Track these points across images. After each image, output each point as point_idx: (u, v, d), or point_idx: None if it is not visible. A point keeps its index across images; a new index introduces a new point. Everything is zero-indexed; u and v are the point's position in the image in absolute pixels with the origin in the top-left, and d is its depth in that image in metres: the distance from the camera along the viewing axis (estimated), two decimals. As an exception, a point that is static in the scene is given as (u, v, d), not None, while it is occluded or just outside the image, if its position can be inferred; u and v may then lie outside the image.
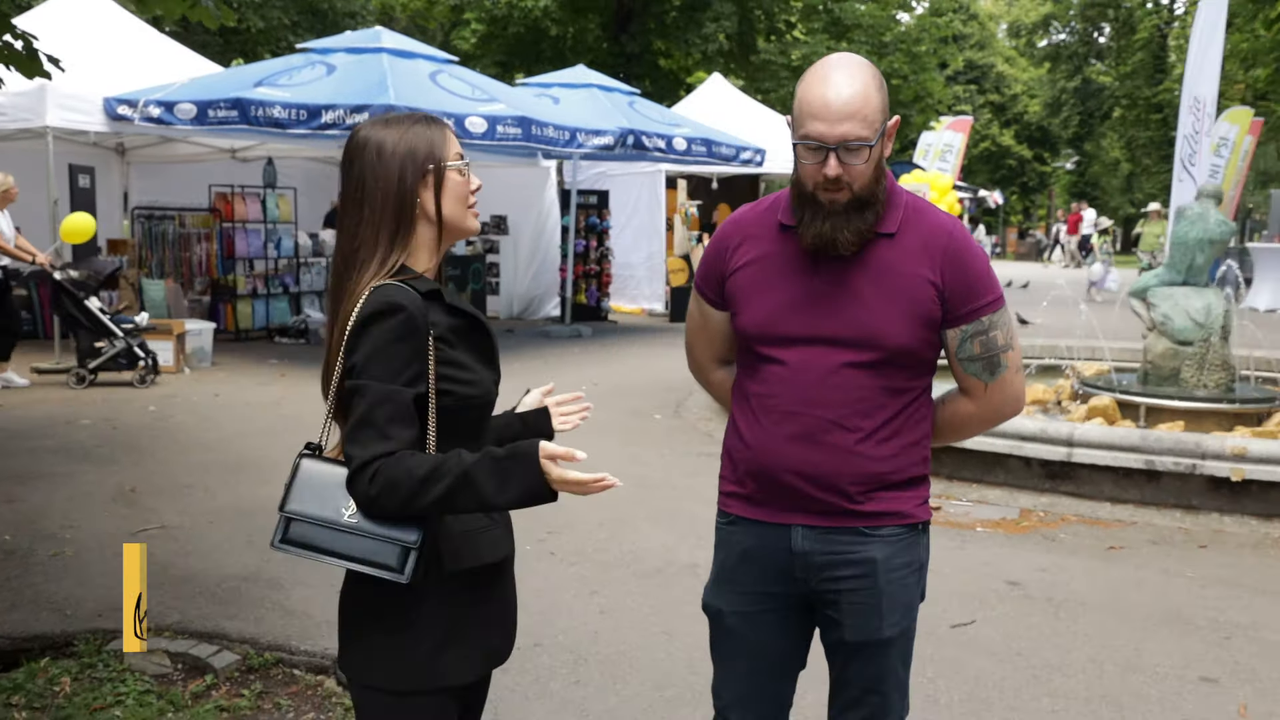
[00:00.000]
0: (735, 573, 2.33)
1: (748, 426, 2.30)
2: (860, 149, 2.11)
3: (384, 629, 1.96)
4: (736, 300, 2.31)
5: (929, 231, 2.22)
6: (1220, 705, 3.84)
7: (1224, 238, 8.76)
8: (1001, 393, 2.30)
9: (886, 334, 2.18)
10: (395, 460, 1.85)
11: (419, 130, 2.01)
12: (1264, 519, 6.23)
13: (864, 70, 2.15)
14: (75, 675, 4.01)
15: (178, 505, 6.06)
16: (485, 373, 2.01)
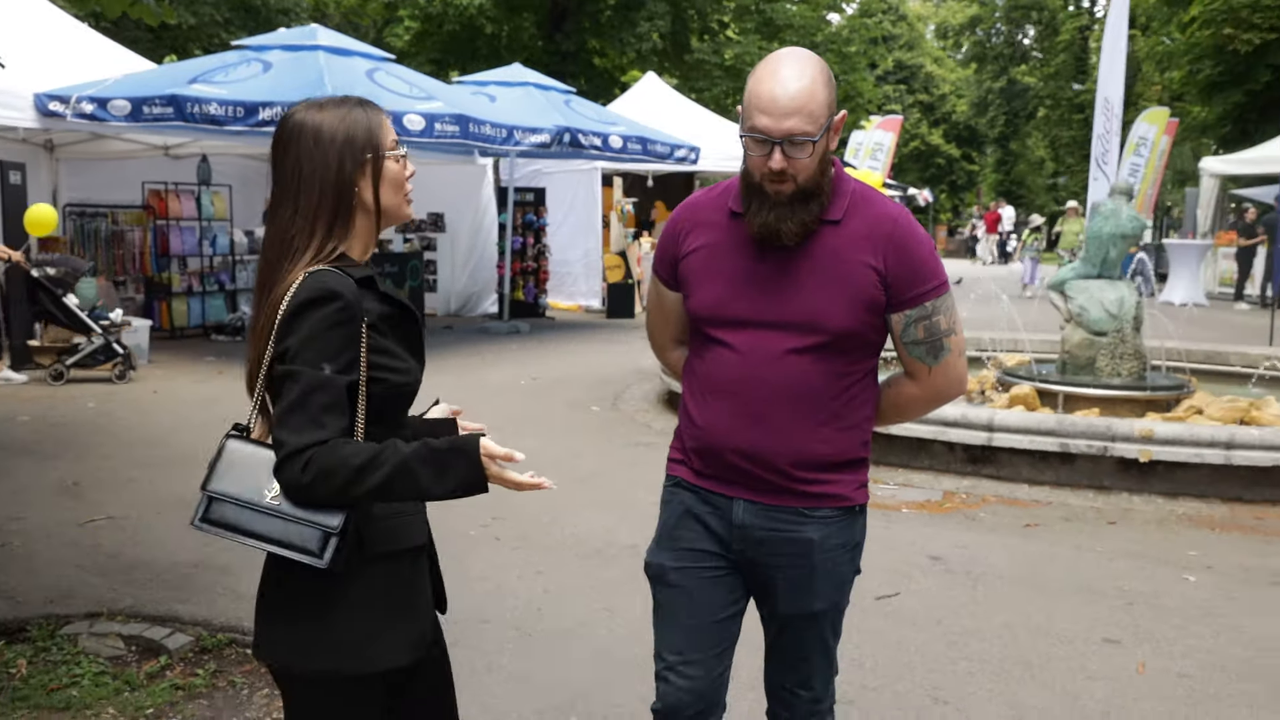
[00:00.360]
0: (677, 529, 2.41)
1: (695, 405, 2.38)
2: (804, 144, 2.16)
3: (311, 614, 1.93)
4: (688, 283, 2.38)
5: (874, 219, 2.28)
6: (1121, 664, 4.13)
7: (1135, 232, 9.17)
8: (944, 375, 2.37)
9: (829, 318, 2.24)
10: (329, 448, 1.83)
11: (357, 116, 1.98)
12: (1169, 497, 6.59)
13: (812, 66, 2.20)
14: (30, 658, 4.11)
15: (122, 497, 6.14)
16: (413, 361, 2.02)
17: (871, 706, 3.74)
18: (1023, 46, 54.60)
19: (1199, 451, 6.56)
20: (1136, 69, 40.57)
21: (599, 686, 3.89)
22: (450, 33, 24.73)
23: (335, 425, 1.85)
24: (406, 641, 1.99)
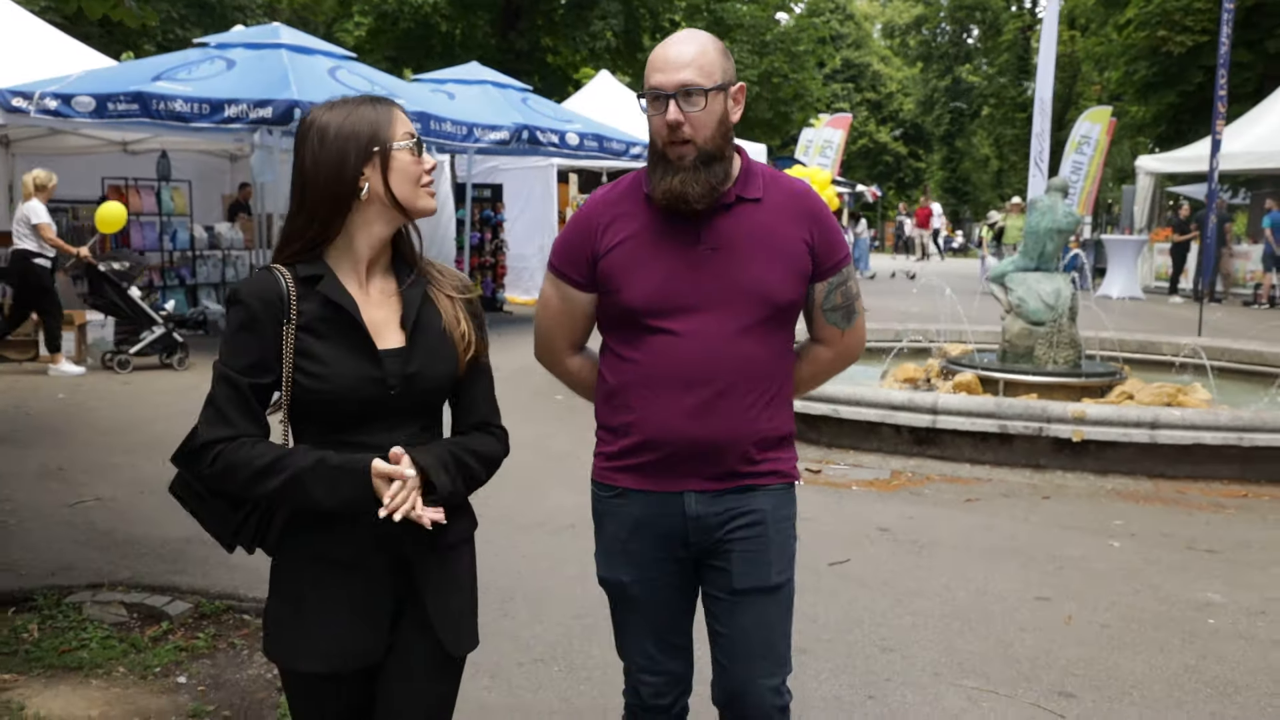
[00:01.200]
0: (629, 544, 2.40)
1: (639, 400, 2.33)
2: (698, 96, 2.21)
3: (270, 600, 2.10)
4: (616, 278, 2.33)
5: (791, 195, 2.37)
6: (1050, 617, 4.55)
7: (1070, 227, 9.65)
8: (855, 336, 2.49)
9: (774, 291, 2.30)
10: (236, 446, 1.92)
11: (363, 112, 2.00)
12: (1100, 474, 7.05)
13: (703, 36, 2.30)
14: (40, 624, 4.38)
15: (108, 481, 6.38)
16: (348, 365, 1.97)
17: (825, 655, 4.11)
18: (967, 46, 55.60)
19: (1126, 431, 7.03)
20: (1076, 69, 41.54)
21: (577, 641, 4.23)
22: (405, 30, 24.89)
23: (243, 422, 1.94)
24: (320, 650, 2.01)
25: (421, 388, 2.03)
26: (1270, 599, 4.78)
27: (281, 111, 10.25)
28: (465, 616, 2.14)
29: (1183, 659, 4.13)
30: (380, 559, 2.01)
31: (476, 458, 2.08)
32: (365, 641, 2.02)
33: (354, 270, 2.04)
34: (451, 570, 2.11)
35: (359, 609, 2.02)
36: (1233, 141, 21.64)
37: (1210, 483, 6.86)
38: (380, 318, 2.03)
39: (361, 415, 1.98)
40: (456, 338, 2.07)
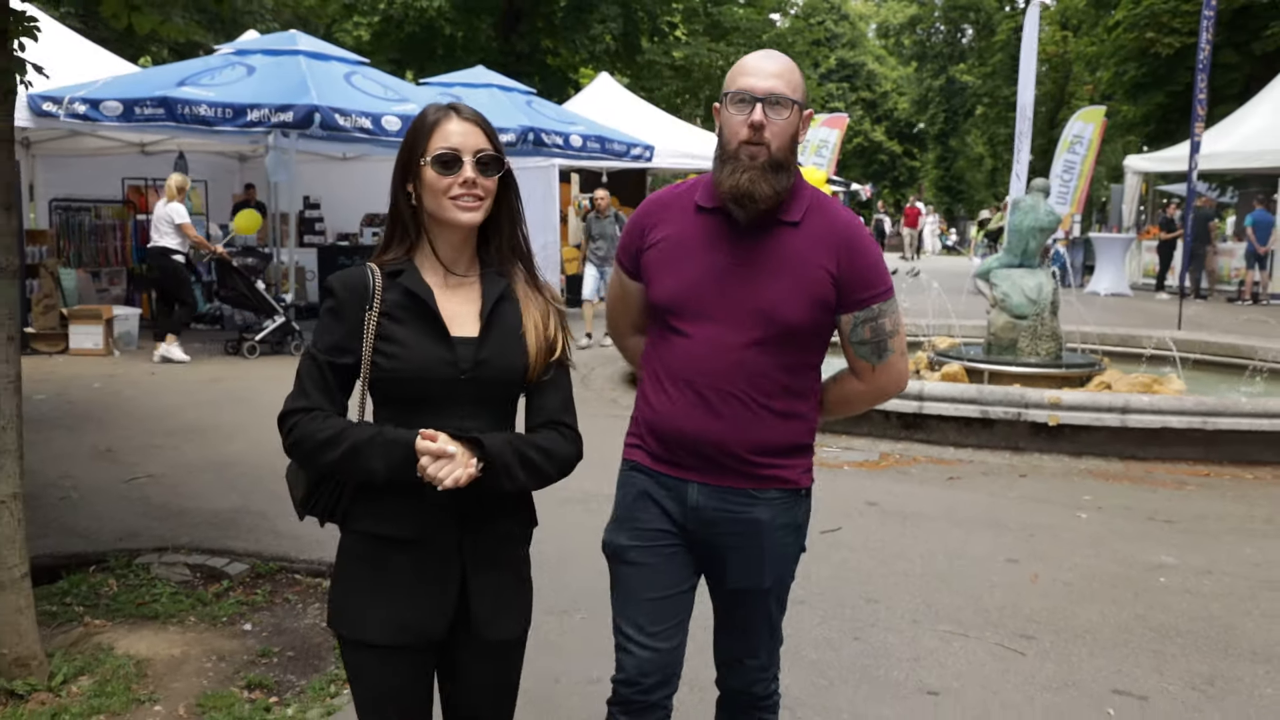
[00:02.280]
0: (633, 510, 2.54)
1: (654, 393, 2.49)
2: (783, 106, 2.32)
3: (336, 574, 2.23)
4: (649, 273, 2.48)
5: (829, 224, 2.41)
6: (1019, 576, 5.08)
7: (1052, 225, 10.18)
8: (887, 374, 2.51)
9: (784, 313, 2.37)
10: (309, 419, 2.08)
11: (418, 120, 2.17)
12: (1074, 456, 7.58)
13: (787, 58, 2.44)
14: (117, 581, 4.90)
15: (155, 460, 6.89)
16: (423, 347, 2.11)
17: (817, 605, 4.63)
18: (961, 46, 56.13)
19: (1099, 416, 7.56)
20: (1068, 69, 42.08)
21: (597, 594, 4.74)
22: (409, 34, 25.39)
23: (318, 397, 2.11)
24: (378, 621, 2.12)
25: (490, 376, 2.14)
26: (1217, 561, 5.31)
27: (302, 115, 10.74)
28: (507, 604, 2.21)
29: (1133, 609, 4.66)
30: (441, 539, 2.12)
31: (541, 452, 2.16)
32: (425, 618, 2.13)
33: (437, 267, 2.19)
34: (503, 559, 2.21)
35: (420, 586, 2.12)
36: (1218, 141, 22.19)
37: (1176, 463, 7.39)
38: (460, 310, 2.16)
39: (434, 398, 2.11)
40: (534, 338, 2.19)
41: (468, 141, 2.11)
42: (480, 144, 2.12)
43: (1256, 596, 4.85)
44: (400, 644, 2.12)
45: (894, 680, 3.91)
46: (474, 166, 2.10)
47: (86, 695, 3.82)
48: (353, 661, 2.18)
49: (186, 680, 3.99)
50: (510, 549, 2.23)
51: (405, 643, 2.12)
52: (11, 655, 3.81)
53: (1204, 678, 4.00)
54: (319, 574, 5.05)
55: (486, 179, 2.12)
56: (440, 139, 2.10)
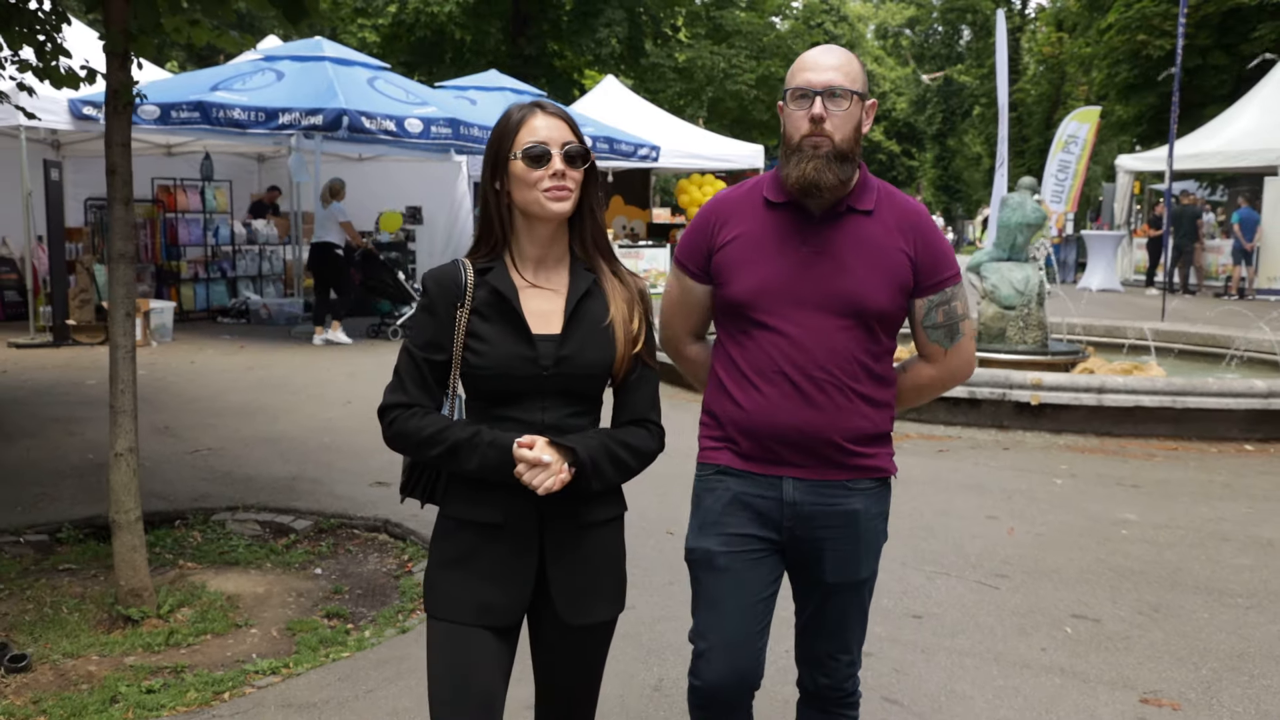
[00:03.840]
0: (724, 515, 2.48)
1: (741, 391, 2.44)
2: (842, 98, 2.34)
3: (430, 555, 2.32)
4: (725, 272, 2.46)
5: (902, 211, 2.45)
6: (997, 530, 5.71)
7: (1038, 222, 10.80)
8: (959, 356, 2.53)
9: (870, 299, 2.38)
10: (409, 415, 2.18)
11: (504, 119, 2.23)
12: (1054, 433, 8.22)
13: (847, 50, 2.46)
14: (200, 534, 5.53)
15: (211, 436, 7.52)
16: (506, 345, 2.17)
17: (818, 552, 5.27)
18: (959, 47, 56.79)
19: (1077, 396, 8.19)
20: (1064, 71, 42.70)
21: (623, 543, 5.38)
22: (419, 38, 26.01)
23: (416, 393, 2.20)
24: (460, 601, 2.20)
25: (573, 372, 2.19)
26: (1174, 517, 5.95)
27: (331, 119, 11.37)
28: (590, 591, 2.25)
29: (1095, 554, 5.30)
30: (525, 527, 2.19)
31: (628, 449, 2.22)
32: (504, 601, 2.20)
33: (525, 263, 2.24)
34: (586, 547, 2.24)
35: (501, 570, 2.20)
36: (1207, 141, 22.86)
37: (1148, 439, 8.02)
38: (546, 307, 2.21)
39: (517, 392, 2.18)
40: (620, 333, 2.23)
41: (554, 135, 2.17)
42: (566, 137, 2.19)
43: (1205, 544, 5.48)
44: (480, 624, 2.19)
45: (884, 607, 4.54)
46: (562, 159, 2.16)
47: (191, 621, 4.46)
48: (434, 637, 2.23)
49: (273, 610, 4.63)
50: (595, 536, 2.26)
51: (485, 623, 2.19)
52: (128, 586, 4.45)
53: (1151, 605, 4.63)
54: (375, 529, 5.68)
55: (574, 170, 2.18)
56: (528, 134, 2.16)
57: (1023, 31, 50.94)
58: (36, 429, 7.68)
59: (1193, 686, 3.86)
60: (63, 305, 12.10)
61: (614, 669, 3.92)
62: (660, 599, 4.62)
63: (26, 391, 9.11)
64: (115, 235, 4.53)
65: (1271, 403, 8.09)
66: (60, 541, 5.43)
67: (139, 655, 4.11)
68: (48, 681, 3.88)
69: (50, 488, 6.17)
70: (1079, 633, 4.34)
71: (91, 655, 4.11)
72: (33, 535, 5.42)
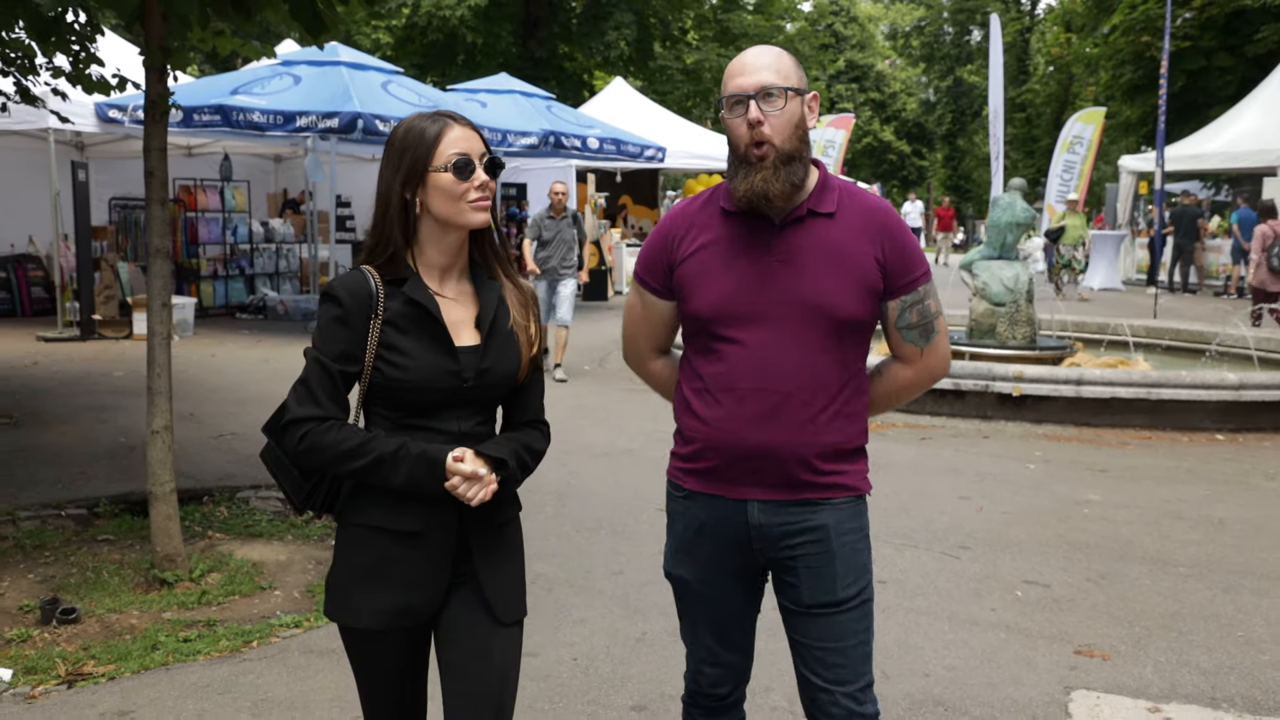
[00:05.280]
0: (694, 545, 2.44)
1: (704, 407, 2.36)
2: (776, 97, 2.25)
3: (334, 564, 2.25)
4: (686, 287, 2.38)
5: (866, 210, 2.36)
6: (967, 508, 6.12)
7: (1028, 221, 11.19)
8: (935, 355, 2.44)
9: (838, 306, 2.29)
10: (325, 429, 2.10)
11: (413, 135, 2.15)
12: (1034, 423, 8.62)
13: (777, 48, 2.38)
14: (226, 509, 5.98)
15: (233, 423, 7.98)
16: (428, 358, 2.13)
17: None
18: (968, 47, 57.06)
19: (1056, 387, 8.59)
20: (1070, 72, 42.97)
21: (616, 518, 5.82)
22: (432, 41, 26.50)
23: (330, 405, 2.13)
24: (371, 609, 2.17)
25: (491, 382, 2.20)
26: (1135, 499, 6.36)
27: (347, 121, 11.82)
28: (514, 586, 2.28)
29: (1055, 530, 5.71)
30: (440, 532, 2.18)
31: (533, 454, 2.27)
32: (422, 601, 2.20)
33: (431, 273, 2.21)
34: (503, 545, 2.27)
35: (417, 575, 2.18)
36: (1209, 142, 23.15)
37: (1125, 430, 8.41)
38: (457, 317, 2.20)
39: (436, 404, 2.16)
40: (523, 339, 2.25)
41: (473, 146, 2.16)
42: (481, 147, 2.18)
43: (1160, 523, 5.89)
44: (397, 627, 2.20)
45: (853, 575, 4.95)
46: (484, 170, 2.16)
47: (220, 584, 4.90)
48: (353, 647, 2.25)
49: (294, 576, 5.07)
50: (507, 535, 2.30)
51: (402, 625, 2.20)
52: (163, 552, 4.90)
53: (1098, 573, 5.05)
54: (388, 505, 6.11)
55: (492, 181, 2.19)
56: (450, 145, 2.14)
57: (1032, 32, 51.22)
58: (70, 416, 8.14)
59: (1124, 641, 4.27)
60: (89, 301, 12.58)
61: (601, 624, 4.38)
62: (649, 566, 5.04)
63: (57, 382, 9.58)
64: (153, 232, 4.99)
65: (1242, 394, 8.48)
66: (98, 515, 5.87)
67: (175, 611, 4.56)
68: (95, 632, 4.33)
69: (86, 468, 6.63)
70: (1028, 596, 4.75)
71: (132, 611, 4.55)
72: (73, 510, 5.87)
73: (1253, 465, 7.32)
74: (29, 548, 5.31)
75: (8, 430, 7.63)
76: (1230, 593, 4.83)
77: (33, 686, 3.81)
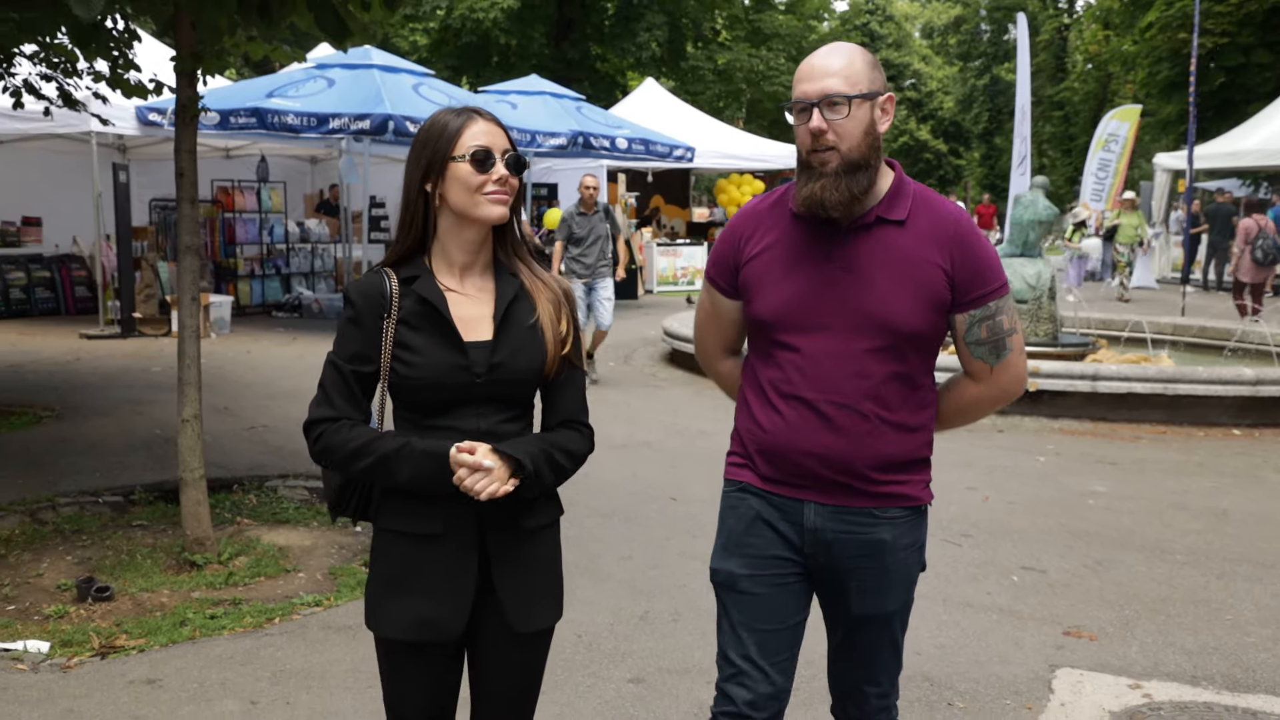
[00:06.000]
0: (746, 536, 2.38)
1: (763, 411, 2.34)
2: (841, 104, 2.18)
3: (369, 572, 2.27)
4: (751, 288, 2.34)
5: (938, 219, 2.26)
6: (973, 498, 6.25)
7: (1050, 219, 11.25)
8: (1006, 373, 2.34)
9: (899, 319, 2.22)
10: (336, 429, 2.12)
11: (435, 128, 2.17)
12: (1050, 417, 8.70)
13: (851, 47, 2.28)
14: (255, 497, 6.22)
15: (265, 416, 8.24)
16: (437, 355, 2.13)
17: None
18: (1006, 45, 56.71)
19: (1072, 383, 8.68)
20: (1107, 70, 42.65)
21: (630, 507, 6.00)
22: (466, 43, 26.84)
23: (344, 405, 2.14)
24: (400, 618, 2.16)
25: (506, 378, 2.17)
26: (1142, 490, 6.45)
27: (378, 123, 12.09)
28: (538, 596, 2.24)
29: (1058, 520, 5.82)
30: (463, 537, 2.15)
31: (566, 454, 2.21)
32: (445, 613, 2.16)
33: (451, 270, 2.21)
34: (529, 553, 2.22)
35: (441, 582, 2.15)
36: (1245, 139, 22.99)
37: (1140, 425, 8.48)
38: (474, 313, 2.19)
39: (450, 401, 2.15)
40: (550, 336, 2.21)
41: (496, 141, 2.17)
42: (505, 144, 2.19)
43: (1163, 513, 5.99)
44: (422, 640, 2.17)
45: (855, 560, 5.11)
46: (505, 165, 2.16)
47: (247, 566, 5.13)
48: (383, 657, 2.25)
49: (318, 559, 5.29)
50: (536, 542, 2.24)
51: (426, 639, 2.16)
52: (193, 536, 5.14)
53: (1095, 560, 5.17)
54: (410, 494, 6.33)
55: (514, 177, 2.18)
56: (470, 138, 2.14)
57: (1070, 29, 50.86)
58: (109, 409, 8.44)
59: (1112, 623, 4.40)
60: (129, 299, 12.94)
61: (605, 604, 4.56)
62: (656, 551, 5.22)
63: (98, 377, 9.90)
64: (183, 230, 5.22)
65: (1260, 390, 8.52)
66: (133, 502, 6.13)
67: (203, 591, 4.79)
68: (127, 609, 4.57)
69: (123, 457, 6.89)
70: (1024, 581, 4.88)
71: (163, 590, 4.79)
72: (110, 497, 6.13)
73: (1263, 459, 7.39)
74: (67, 532, 5.58)
75: (50, 423, 7.94)
76: (1223, 579, 4.94)
77: (68, 658, 4.05)
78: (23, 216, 15.40)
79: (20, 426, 7.78)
